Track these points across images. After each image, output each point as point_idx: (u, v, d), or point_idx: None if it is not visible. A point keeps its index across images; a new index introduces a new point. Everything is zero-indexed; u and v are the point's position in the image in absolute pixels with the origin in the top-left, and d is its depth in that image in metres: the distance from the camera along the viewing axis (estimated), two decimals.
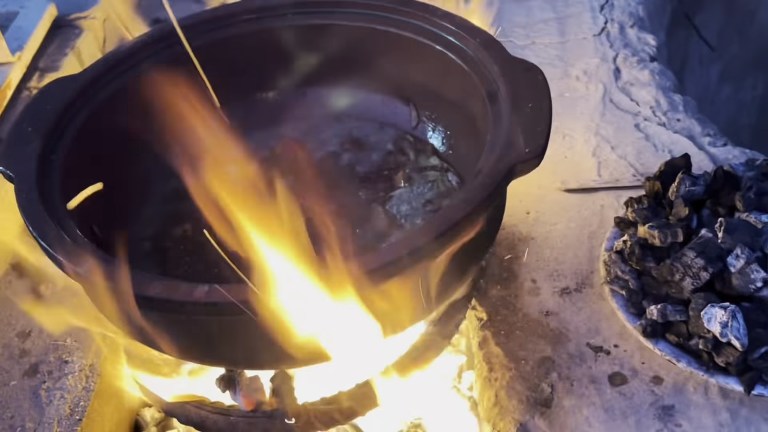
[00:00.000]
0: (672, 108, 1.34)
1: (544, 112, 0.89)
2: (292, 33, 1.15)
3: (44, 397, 1.06)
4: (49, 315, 1.13)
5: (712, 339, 0.86)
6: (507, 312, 1.03)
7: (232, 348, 0.85)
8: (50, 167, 0.94)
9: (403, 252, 0.76)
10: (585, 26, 1.57)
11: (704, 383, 0.91)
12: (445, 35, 1.06)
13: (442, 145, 1.12)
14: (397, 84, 1.15)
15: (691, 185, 0.98)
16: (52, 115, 0.99)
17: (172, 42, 1.12)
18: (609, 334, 0.98)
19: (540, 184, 1.21)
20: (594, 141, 1.28)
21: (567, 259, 1.09)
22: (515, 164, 0.84)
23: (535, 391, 0.93)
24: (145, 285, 0.77)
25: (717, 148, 1.24)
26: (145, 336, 0.88)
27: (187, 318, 0.81)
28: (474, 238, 0.89)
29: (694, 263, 0.89)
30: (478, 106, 0.99)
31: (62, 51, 1.62)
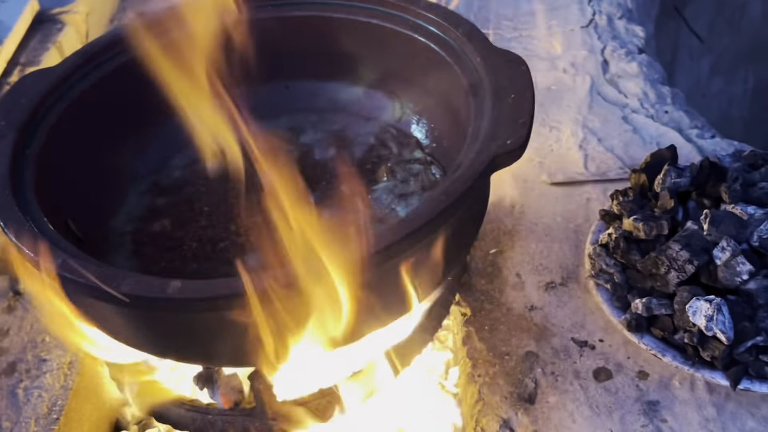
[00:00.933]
0: (660, 100, 1.33)
1: (527, 104, 0.87)
2: (273, 25, 1.13)
3: (21, 396, 1.04)
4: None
5: (698, 333, 0.85)
6: (491, 307, 1.01)
7: (209, 346, 0.83)
8: (24, 161, 0.92)
9: (380, 246, 0.74)
10: (573, 18, 1.56)
11: (690, 378, 0.90)
12: (427, 26, 1.04)
13: (425, 138, 1.11)
14: (380, 76, 1.13)
15: (676, 177, 0.96)
16: (26, 108, 0.97)
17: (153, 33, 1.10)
18: (594, 328, 0.97)
19: (526, 177, 1.20)
20: (581, 133, 1.27)
21: (552, 253, 1.07)
22: (496, 156, 0.82)
23: (518, 387, 0.92)
24: (118, 281, 0.75)
25: (705, 140, 1.23)
26: (117, 333, 0.86)
27: (163, 315, 0.79)
28: (456, 231, 0.87)
29: (679, 256, 0.87)
30: (461, 98, 0.97)
31: (44, 46, 1.61)
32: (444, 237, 0.81)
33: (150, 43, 0.92)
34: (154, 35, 1.00)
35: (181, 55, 0.93)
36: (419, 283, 0.84)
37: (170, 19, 1.08)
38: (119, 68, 1.07)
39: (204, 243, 1.01)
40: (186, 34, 1.00)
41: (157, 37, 0.96)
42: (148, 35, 0.95)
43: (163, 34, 1.00)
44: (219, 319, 0.77)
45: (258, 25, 1.12)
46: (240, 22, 1.12)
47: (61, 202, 0.93)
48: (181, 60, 0.93)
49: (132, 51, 1.08)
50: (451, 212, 0.79)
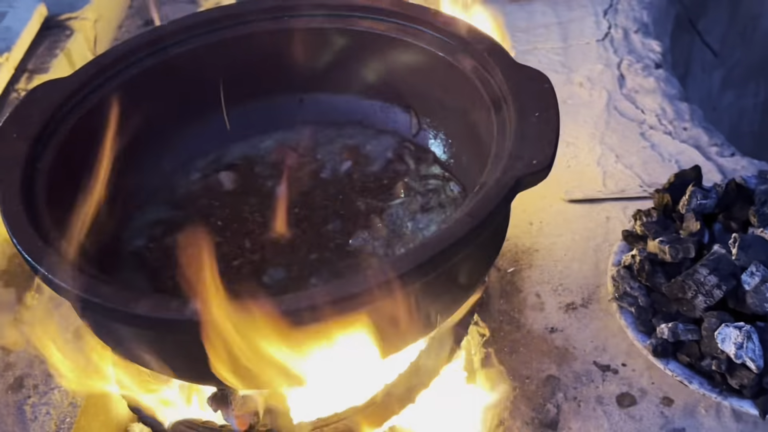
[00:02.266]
0: (678, 116, 1.31)
1: (552, 122, 0.85)
2: (290, 37, 1.11)
3: (29, 413, 1.02)
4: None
5: (726, 360, 0.83)
6: (510, 328, 0.99)
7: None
8: (36, 174, 0.90)
9: (407, 267, 0.72)
10: (588, 31, 1.54)
11: (716, 406, 0.88)
12: (447, 40, 1.02)
13: (443, 154, 1.08)
14: (398, 90, 1.11)
15: (702, 198, 0.95)
16: (38, 120, 0.95)
17: (164, 45, 1.08)
18: (616, 352, 0.95)
19: (543, 194, 1.18)
20: (599, 150, 1.25)
21: (572, 273, 1.05)
22: (522, 176, 0.80)
23: (540, 412, 0.90)
24: (133, 303, 0.73)
25: (725, 158, 1.21)
26: (134, 355, 0.84)
27: (179, 336, 0.77)
28: (479, 253, 0.85)
29: (707, 281, 0.85)
30: (482, 114, 0.95)
31: (52, 52, 1.59)
32: (467, 259, 0.79)
33: None
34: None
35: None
36: (441, 304, 0.82)
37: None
38: (131, 80, 1.05)
39: (217, 259, 0.99)
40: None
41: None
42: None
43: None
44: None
45: (273, 36, 1.11)
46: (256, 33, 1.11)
47: (72, 215, 0.91)
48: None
49: (143, 63, 1.07)
50: (476, 234, 0.77)
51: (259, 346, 0.71)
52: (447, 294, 0.84)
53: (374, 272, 0.73)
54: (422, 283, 0.75)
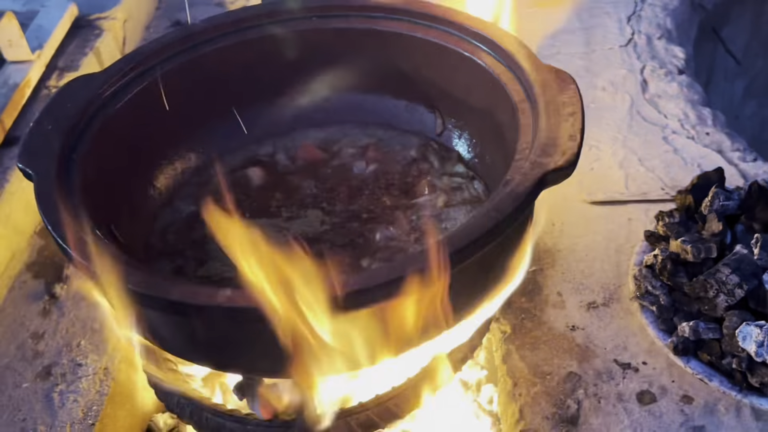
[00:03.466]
0: (701, 121, 1.32)
1: (577, 121, 0.87)
2: (316, 37, 1.13)
3: (57, 400, 1.04)
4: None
5: (747, 358, 0.83)
6: (531, 325, 1.00)
7: (253, 355, 0.82)
8: (70, 166, 0.93)
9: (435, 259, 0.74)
10: (611, 37, 1.55)
11: (736, 404, 0.88)
12: (473, 41, 1.04)
13: (467, 153, 1.10)
14: (423, 90, 1.13)
15: (725, 200, 0.95)
16: (72, 113, 0.97)
17: (194, 43, 1.10)
18: (637, 350, 0.96)
19: (565, 195, 1.19)
20: (621, 153, 1.26)
21: (594, 273, 1.06)
22: (547, 173, 0.81)
23: (560, 408, 0.91)
24: (165, 289, 0.75)
25: (747, 163, 1.22)
26: (163, 341, 0.86)
27: (209, 323, 0.79)
28: (504, 248, 0.87)
29: (728, 280, 0.86)
30: (507, 113, 0.97)
31: (82, 50, 1.62)
32: (493, 252, 0.80)
33: None
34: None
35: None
36: (467, 298, 0.84)
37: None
38: (162, 76, 1.07)
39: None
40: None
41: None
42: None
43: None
44: (266, 329, 0.76)
45: (301, 36, 1.13)
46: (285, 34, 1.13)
47: (105, 207, 0.93)
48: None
49: (175, 60, 1.09)
50: (502, 229, 0.78)
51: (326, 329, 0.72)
52: (473, 286, 0.85)
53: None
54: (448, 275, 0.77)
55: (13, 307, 1.17)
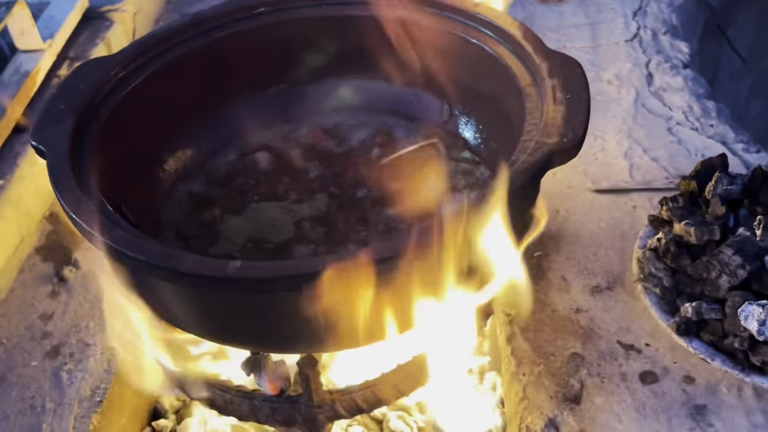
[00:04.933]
0: (705, 114, 1.33)
1: (583, 103, 0.88)
2: (324, 23, 1.14)
3: (65, 379, 1.05)
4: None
5: (749, 338, 0.84)
6: (536, 308, 1.02)
7: (262, 330, 0.84)
8: (83, 145, 0.94)
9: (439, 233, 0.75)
10: (617, 32, 1.56)
11: (737, 384, 0.89)
12: (480, 28, 1.05)
13: (474, 139, 1.11)
14: (430, 77, 1.14)
15: (728, 184, 0.96)
16: (85, 93, 0.98)
17: (206, 29, 1.12)
18: (640, 332, 0.97)
19: (570, 184, 1.20)
20: (626, 143, 1.27)
21: (598, 258, 1.07)
22: (552, 153, 0.82)
23: (564, 387, 0.92)
24: (176, 260, 0.76)
25: (751, 154, 1.23)
26: (171, 316, 0.87)
27: (219, 296, 0.80)
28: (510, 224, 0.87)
29: (731, 261, 0.87)
30: (513, 98, 0.98)
31: (93, 41, 1.63)
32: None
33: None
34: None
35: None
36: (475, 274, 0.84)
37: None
38: (174, 61, 1.09)
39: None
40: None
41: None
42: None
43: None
44: (276, 301, 0.78)
45: (309, 23, 1.14)
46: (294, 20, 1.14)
47: (116, 187, 0.94)
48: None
49: (186, 45, 1.11)
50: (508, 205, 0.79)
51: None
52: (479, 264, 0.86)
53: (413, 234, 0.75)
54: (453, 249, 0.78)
55: (23, 289, 1.18)
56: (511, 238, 0.89)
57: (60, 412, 1.01)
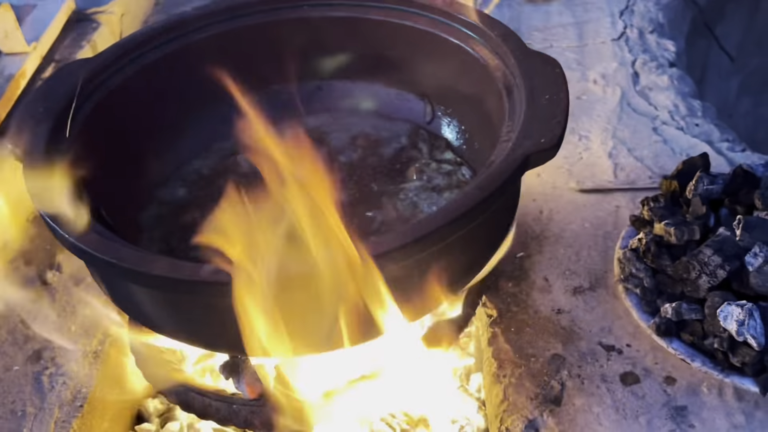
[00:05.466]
0: (691, 113, 1.32)
1: (561, 104, 0.87)
2: (307, 25, 1.14)
3: (46, 383, 1.04)
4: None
5: (728, 338, 0.84)
6: (518, 309, 1.01)
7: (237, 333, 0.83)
8: (60, 147, 0.93)
9: (412, 237, 0.74)
10: (604, 31, 1.56)
11: (718, 384, 0.89)
12: (462, 28, 1.05)
13: (456, 140, 1.11)
14: (413, 78, 1.14)
15: (709, 184, 0.96)
16: (64, 96, 0.98)
17: (185, 31, 1.11)
18: (622, 333, 0.96)
19: (555, 184, 1.20)
20: (611, 143, 1.26)
21: (581, 259, 1.07)
22: (530, 154, 0.82)
23: (544, 389, 0.91)
24: (149, 264, 0.76)
25: (736, 153, 1.22)
26: (149, 320, 0.87)
27: (193, 299, 0.80)
28: (488, 227, 0.87)
29: (711, 261, 0.87)
30: (495, 100, 0.98)
31: (78, 44, 1.63)
32: (476, 231, 0.81)
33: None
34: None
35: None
36: (448, 279, 0.84)
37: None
38: (156, 62, 1.09)
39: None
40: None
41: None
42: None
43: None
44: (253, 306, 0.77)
45: (292, 24, 1.14)
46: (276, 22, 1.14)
47: (94, 189, 0.94)
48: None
49: (166, 47, 1.10)
50: (485, 207, 0.79)
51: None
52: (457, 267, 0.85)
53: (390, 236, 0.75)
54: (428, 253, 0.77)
55: (6, 292, 1.18)
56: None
57: (41, 416, 1.00)
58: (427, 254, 0.77)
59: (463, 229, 0.78)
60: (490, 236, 0.89)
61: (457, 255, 0.83)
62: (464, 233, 0.79)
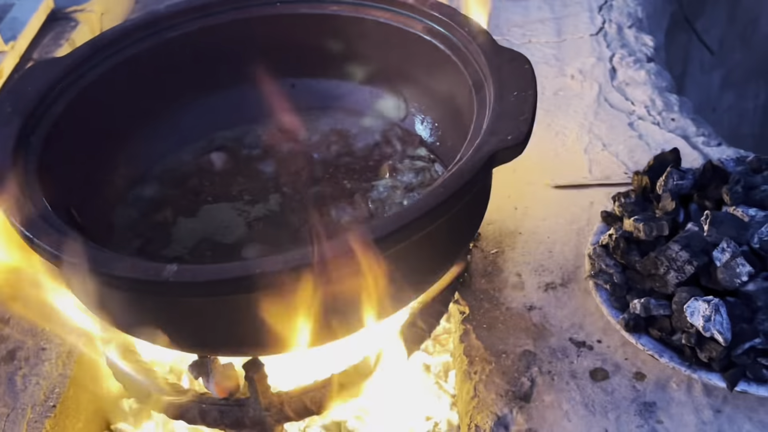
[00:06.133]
0: (667, 108, 1.32)
1: (529, 101, 0.87)
2: (280, 23, 1.14)
3: (20, 383, 1.04)
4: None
5: (695, 334, 0.84)
6: (490, 306, 1.01)
7: (205, 332, 0.83)
8: (29, 148, 0.93)
9: (375, 235, 0.74)
10: (582, 26, 1.56)
11: (687, 380, 0.89)
12: (433, 25, 1.04)
13: (430, 137, 1.11)
14: (386, 75, 1.14)
15: (679, 179, 0.96)
16: (33, 96, 0.98)
17: (159, 29, 1.11)
18: (592, 329, 0.96)
19: (529, 180, 1.20)
20: (586, 138, 1.26)
21: (554, 255, 1.07)
22: (497, 151, 0.82)
23: (514, 385, 0.91)
24: (113, 264, 0.75)
25: (711, 147, 1.22)
26: (116, 319, 0.87)
27: (158, 300, 0.80)
28: (455, 225, 0.87)
29: (678, 256, 0.87)
30: (465, 96, 0.98)
31: (57, 42, 1.62)
32: (442, 230, 0.81)
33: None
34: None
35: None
36: (416, 276, 0.84)
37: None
38: (128, 60, 1.08)
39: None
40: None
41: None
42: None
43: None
44: (216, 304, 0.77)
45: (265, 22, 1.14)
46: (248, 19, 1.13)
47: (65, 190, 0.94)
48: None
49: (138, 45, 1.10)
50: (450, 205, 0.78)
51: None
52: (424, 264, 0.85)
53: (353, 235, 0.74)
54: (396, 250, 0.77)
55: None
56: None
57: (13, 417, 1.00)
58: (391, 252, 0.77)
59: (427, 228, 0.78)
60: (457, 234, 0.89)
61: (423, 253, 0.83)
62: (429, 231, 0.79)
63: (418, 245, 0.79)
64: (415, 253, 0.81)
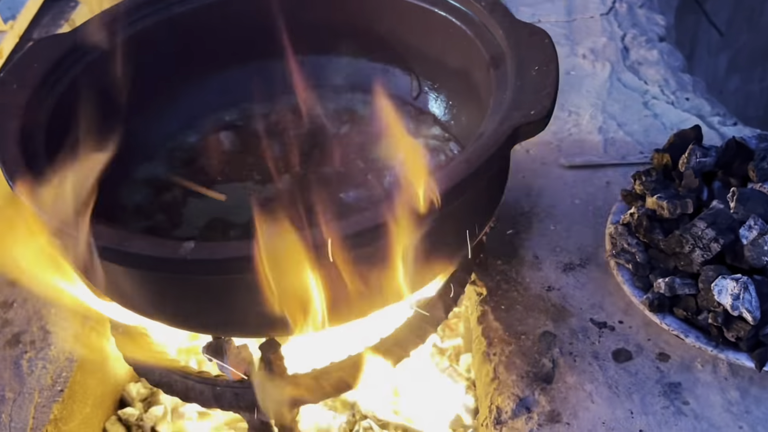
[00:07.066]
0: (681, 87, 1.30)
1: (551, 75, 0.85)
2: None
3: (26, 367, 1.02)
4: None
5: (723, 313, 0.82)
6: (507, 287, 0.99)
7: (220, 313, 0.81)
8: (35, 125, 0.90)
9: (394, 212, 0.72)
10: (593, 6, 1.54)
11: (712, 360, 0.87)
12: (448, 1, 1.02)
13: (444, 115, 1.08)
14: (398, 52, 1.11)
15: (702, 156, 0.94)
16: (39, 72, 0.95)
17: (167, 4, 1.08)
18: (613, 309, 0.95)
19: (544, 160, 1.18)
20: (600, 118, 1.24)
21: (571, 235, 1.05)
22: (520, 126, 0.80)
23: (535, 367, 0.89)
24: (128, 242, 0.73)
25: (727, 127, 1.20)
26: (128, 301, 0.84)
27: (173, 279, 0.77)
28: (476, 202, 0.85)
29: (704, 234, 0.85)
30: (482, 72, 0.95)
31: (57, 22, 1.59)
32: (463, 206, 0.79)
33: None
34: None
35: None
36: (438, 254, 0.82)
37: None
38: (133, 37, 1.05)
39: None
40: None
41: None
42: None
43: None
44: (234, 283, 0.75)
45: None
46: None
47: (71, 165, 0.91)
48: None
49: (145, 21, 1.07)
50: (472, 181, 0.76)
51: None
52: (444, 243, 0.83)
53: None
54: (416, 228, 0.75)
55: None
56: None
57: (20, 401, 0.98)
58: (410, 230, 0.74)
59: (450, 205, 0.76)
60: (478, 211, 0.87)
61: (445, 230, 0.81)
62: (452, 208, 0.77)
63: (441, 220, 0.77)
64: (437, 229, 0.79)
